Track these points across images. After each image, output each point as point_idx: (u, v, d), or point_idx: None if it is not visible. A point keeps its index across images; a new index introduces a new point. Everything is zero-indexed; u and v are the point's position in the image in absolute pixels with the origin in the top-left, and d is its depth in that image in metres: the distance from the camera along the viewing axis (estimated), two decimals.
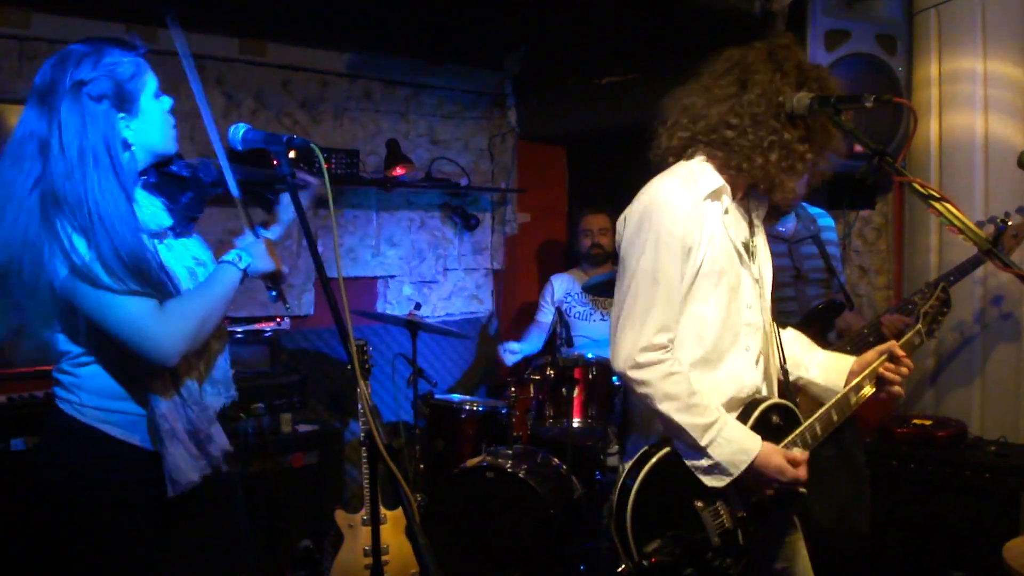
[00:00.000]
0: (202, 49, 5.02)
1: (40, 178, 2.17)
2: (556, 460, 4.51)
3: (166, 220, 2.40)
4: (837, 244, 4.07)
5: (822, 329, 3.71)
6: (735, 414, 2.58)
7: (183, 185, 2.42)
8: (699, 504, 2.51)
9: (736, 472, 2.47)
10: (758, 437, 2.51)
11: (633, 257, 2.52)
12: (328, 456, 5.01)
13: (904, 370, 2.71)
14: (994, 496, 3.86)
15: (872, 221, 4.97)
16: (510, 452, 4.48)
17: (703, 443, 2.45)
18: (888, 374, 2.70)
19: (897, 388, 2.72)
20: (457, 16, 5.26)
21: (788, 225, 3.88)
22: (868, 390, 2.71)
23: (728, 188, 2.57)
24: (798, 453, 2.56)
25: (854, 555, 3.94)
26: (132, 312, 2.17)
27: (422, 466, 5.05)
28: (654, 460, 2.52)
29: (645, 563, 2.43)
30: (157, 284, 2.22)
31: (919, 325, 2.83)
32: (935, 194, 2.26)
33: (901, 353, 2.70)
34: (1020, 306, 4.22)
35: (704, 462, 2.49)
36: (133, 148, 2.33)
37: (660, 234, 2.47)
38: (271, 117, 5.37)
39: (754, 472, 2.48)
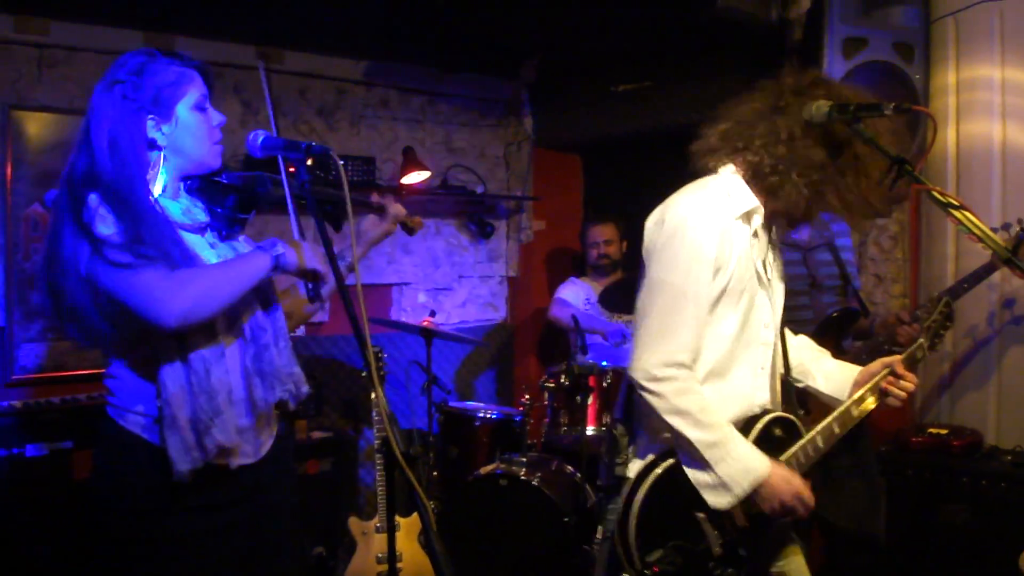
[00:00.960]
0: (220, 57, 5.04)
1: (74, 163, 2.31)
2: (570, 468, 4.51)
3: (201, 216, 2.45)
4: (852, 250, 4.06)
5: (837, 337, 3.69)
6: (739, 428, 2.58)
7: (227, 191, 2.46)
8: (701, 515, 2.51)
9: (741, 492, 2.47)
10: (766, 458, 2.50)
11: (664, 268, 2.51)
12: (342, 463, 5.03)
13: (907, 385, 2.72)
14: (1010, 505, 3.84)
15: (888, 229, 4.95)
16: (524, 460, 4.48)
17: (709, 459, 2.45)
18: (891, 388, 2.72)
19: (895, 401, 2.74)
20: (473, 25, 5.28)
21: (802, 232, 3.86)
22: (870, 403, 2.73)
23: (761, 208, 2.57)
24: (805, 489, 2.54)
25: (870, 564, 3.93)
26: (142, 277, 2.21)
27: (436, 473, 5.05)
28: (659, 471, 2.53)
29: (647, 572, 2.44)
30: (175, 262, 2.26)
31: (922, 339, 2.87)
32: (954, 202, 2.25)
33: (902, 370, 2.72)
34: None
35: (709, 478, 2.48)
36: (165, 151, 2.39)
37: (694, 251, 2.47)
38: (288, 124, 5.39)
39: (763, 491, 2.48)
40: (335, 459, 4.97)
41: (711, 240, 2.47)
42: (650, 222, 2.59)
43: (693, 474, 2.50)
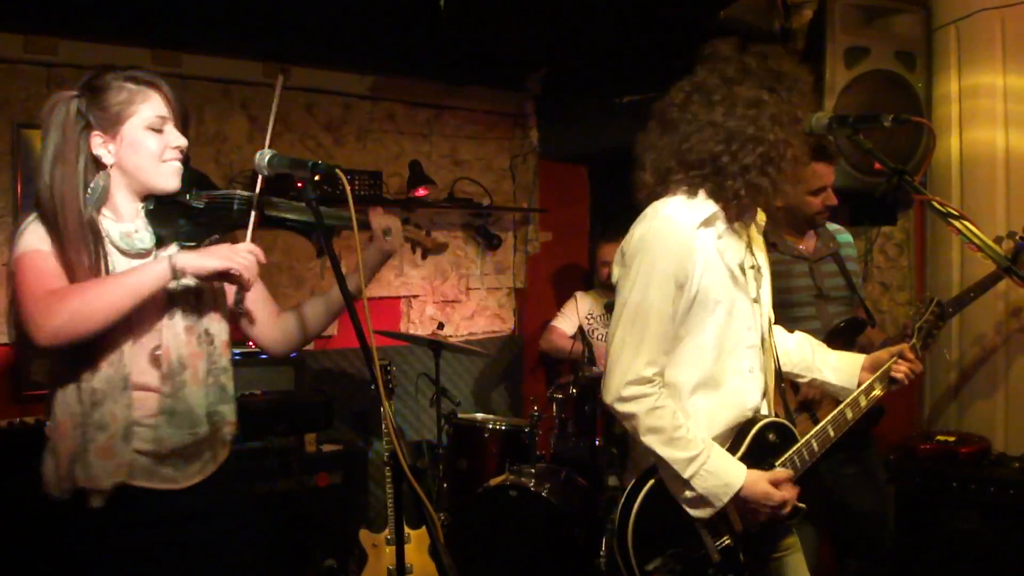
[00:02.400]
0: (226, 73, 5.09)
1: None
2: (579, 478, 4.52)
3: (143, 242, 2.41)
4: (856, 260, 4.07)
5: (845, 346, 3.69)
6: (731, 436, 2.61)
7: (181, 213, 2.45)
8: (699, 522, 2.53)
9: (719, 504, 2.49)
10: (743, 468, 2.52)
11: (625, 290, 2.56)
12: (352, 476, 5.04)
13: (917, 367, 2.83)
14: (1019, 513, 3.84)
15: (893, 237, 4.95)
16: (533, 471, 4.49)
17: (686, 476, 2.47)
18: (899, 374, 2.80)
19: (904, 381, 2.83)
20: (478, 38, 5.31)
21: (808, 244, 3.89)
22: (879, 391, 2.78)
23: (721, 213, 2.58)
24: (780, 472, 2.57)
25: (878, 572, 3.94)
26: (27, 287, 2.23)
27: (445, 485, 5.06)
28: (655, 480, 2.56)
29: None
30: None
31: (914, 339, 2.90)
32: (954, 212, 2.28)
33: (911, 355, 2.81)
34: None
35: (688, 493, 2.50)
36: (111, 170, 2.38)
37: (653, 268, 2.51)
38: (295, 139, 5.43)
39: (740, 501, 2.51)
40: (345, 472, 4.98)
41: (668, 254, 2.50)
42: (619, 249, 2.65)
43: (673, 488, 2.52)
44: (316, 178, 2.29)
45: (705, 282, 2.53)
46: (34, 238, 2.29)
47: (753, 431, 2.61)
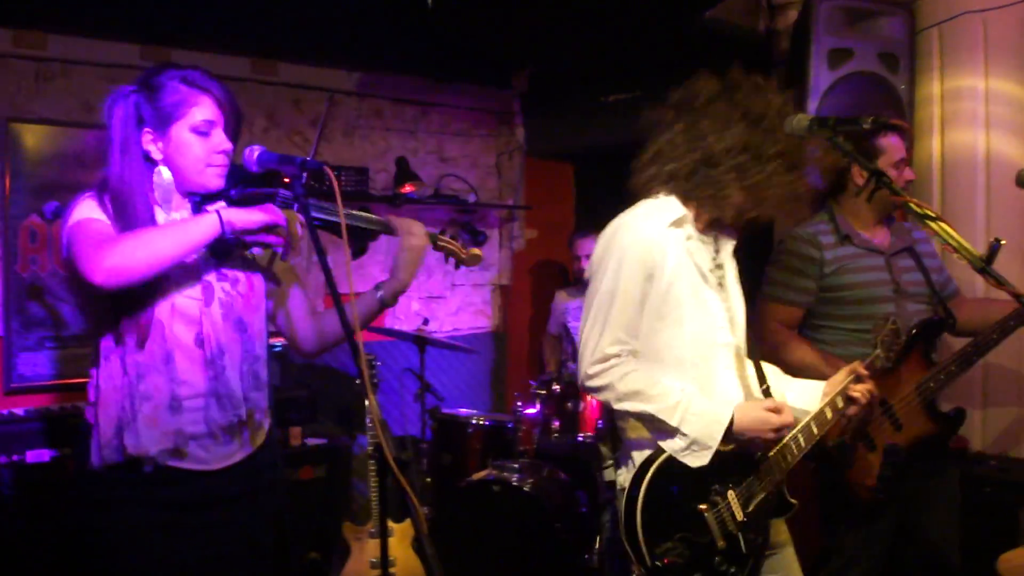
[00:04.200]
0: (214, 69, 5.02)
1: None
2: (562, 474, 4.55)
3: None
4: (935, 256, 3.82)
5: (925, 349, 3.51)
6: None
7: (227, 206, 2.46)
8: (702, 507, 2.58)
9: (714, 443, 2.56)
10: (729, 404, 2.60)
11: (596, 280, 2.66)
12: (336, 469, 5.06)
13: (866, 387, 2.76)
14: (994, 510, 3.88)
15: None
16: (516, 466, 4.52)
17: (674, 423, 2.55)
18: (854, 393, 2.75)
19: (854, 408, 2.78)
20: (465, 36, 5.33)
21: (882, 238, 3.70)
22: (840, 404, 2.77)
23: (690, 217, 2.67)
24: (772, 401, 2.66)
25: None
26: (89, 229, 2.31)
27: (429, 480, 5.09)
28: (656, 466, 2.61)
29: (659, 564, 2.51)
30: None
31: (878, 351, 2.85)
32: (931, 213, 2.32)
33: (864, 373, 2.76)
34: None
35: (681, 442, 2.57)
36: (160, 168, 2.44)
37: (622, 256, 2.60)
38: (282, 135, 5.44)
39: (736, 436, 2.58)
40: (329, 465, 5.00)
41: (639, 245, 2.59)
42: (592, 255, 2.74)
43: (668, 445, 2.59)
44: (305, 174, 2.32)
45: (677, 276, 2.61)
46: (90, 210, 2.36)
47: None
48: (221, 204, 2.42)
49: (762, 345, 3.04)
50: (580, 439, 4.73)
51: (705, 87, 2.64)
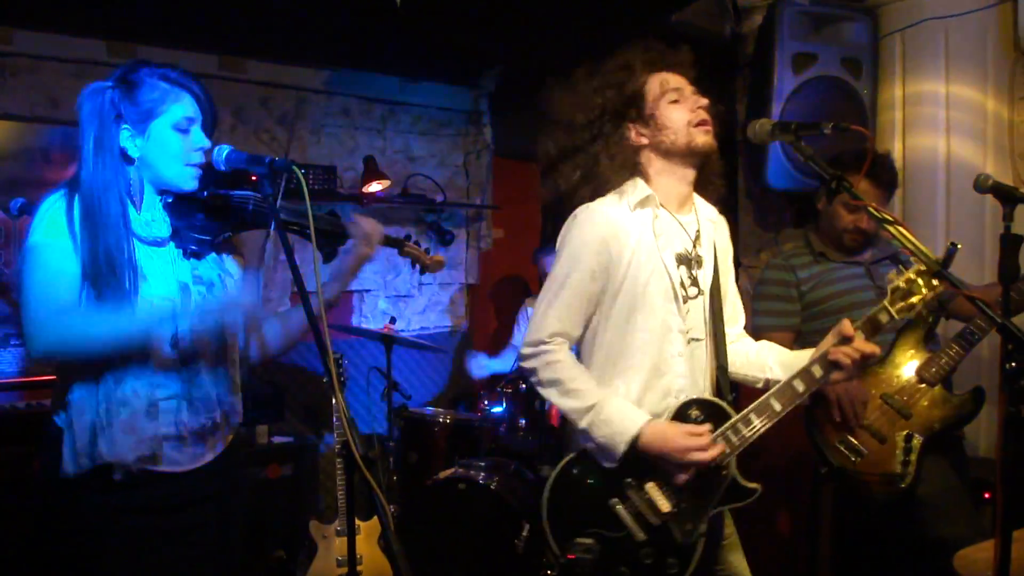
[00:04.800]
0: (182, 65, 5.07)
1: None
2: (528, 472, 4.57)
3: (162, 231, 2.48)
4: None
5: (922, 338, 3.51)
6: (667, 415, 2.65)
7: (197, 209, 2.49)
8: (614, 501, 2.61)
9: (618, 452, 2.57)
10: (644, 417, 2.57)
11: (553, 265, 2.72)
12: (303, 467, 5.06)
13: (858, 348, 2.55)
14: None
15: None
16: (482, 464, 4.53)
17: (583, 425, 2.59)
18: (840, 357, 2.56)
19: (839, 374, 2.59)
20: (433, 35, 5.34)
21: (863, 253, 3.73)
22: (817, 371, 2.60)
23: (655, 198, 2.69)
24: (694, 427, 2.57)
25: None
26: (35, 293, 2.29)
27: (395, 478, 5.10)
28: (562, 464, 2.68)
29: (562, 560, 2.54)
30: (114, 283, 2.31)
31: (885, 301, 2.56)
32: (888, 217, 2.36)
33: (850, 332, 2.56)
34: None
35: (591, 445, 2.62)
36: (138, 163, 2.43)
37: (577, 247, 2.65)
38: (249, 133, 5.43)
39: (645, 452, 2.56)
40: (296, 463, 5.01)
41: (592, 233, 2.65)
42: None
43: (583, 441, 2.64)
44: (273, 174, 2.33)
45: (638, 260, 2.64)
46: (53, 227, 2.32)
47: (672, 409, 2.65)
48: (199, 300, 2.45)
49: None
50: (547, 438, 4.75)
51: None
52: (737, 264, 4.06)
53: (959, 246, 2.34)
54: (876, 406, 3.38)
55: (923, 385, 3.40)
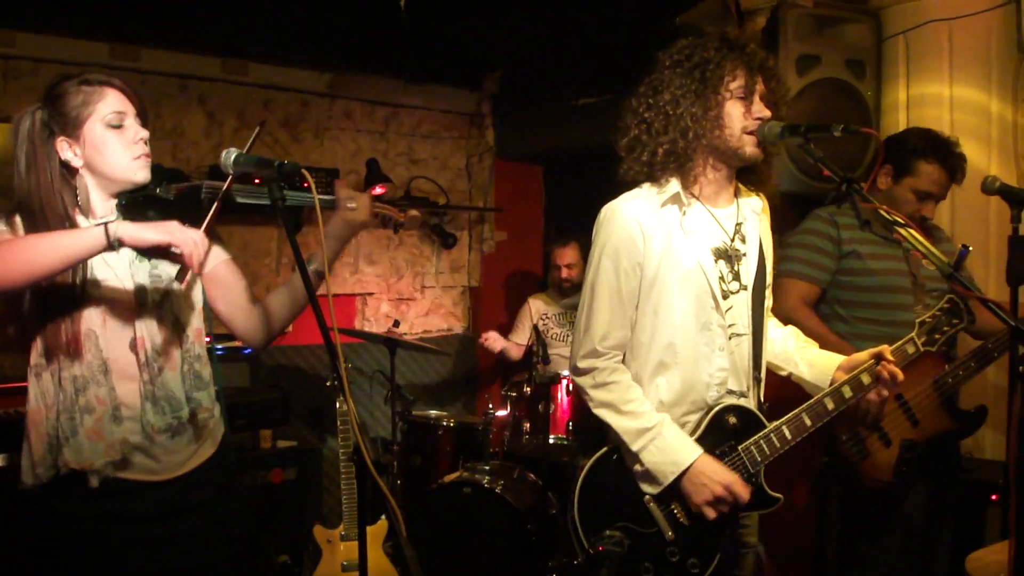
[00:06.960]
0: (185, 69, 5.08)
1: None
2: (533, 476, 4.57)
3: None
4: (953, 253, 3.81)
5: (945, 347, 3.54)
6: (696, 416, 2.65)
7: (149, 206, 2.47)
8: (648, 497, 2.60)
9: (665, 481, 2.56)
10: (698, 450, 2.57)
11: (586, 271, 2.72)
12: (307, 472, 5.05)
13: (896, 372, 2.67)
14: (961, 510, 3.92)
15: None
16: (487, 468, 4.53)
17: (635, 448, 2.57)
18: (883, 372, 2.67)
19: (872, 395, 2.71)
20: (437, 38, 5.33)
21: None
22: (847, 393, 2.69)
23: (683, 195, 2.64)
24: (738, 483, 2.57)
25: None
26: None
27: (399, 482, 5.09)
28: (597, 456, 2.67)
29: (591, 551, 2.53)
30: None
31: (913, 333, 2.78)
32: (900, 220, 2.35)
33: (889, 358, 2.68)
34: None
35: (638, 467, 2.60)
36: (81, 172, 2.43)
37: (605, 248, 2.64)
38: (252, 135, 5.40)
39: (687, 485, 2.56)
40: (300, 468, 5.00)
41: (621, 234, 2.61)
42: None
43: (628, 462, 2.62)
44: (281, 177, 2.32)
45: (669, 258, 2.61)
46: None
47: (711, 414, 2.65)
48: (118, 220, 2.38)
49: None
50: (551, 441, 4.74)
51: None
52: None
53: (970, 248, 2.34)
54: (892, 408, 3.36)
55: (936, 394, 3.40)
